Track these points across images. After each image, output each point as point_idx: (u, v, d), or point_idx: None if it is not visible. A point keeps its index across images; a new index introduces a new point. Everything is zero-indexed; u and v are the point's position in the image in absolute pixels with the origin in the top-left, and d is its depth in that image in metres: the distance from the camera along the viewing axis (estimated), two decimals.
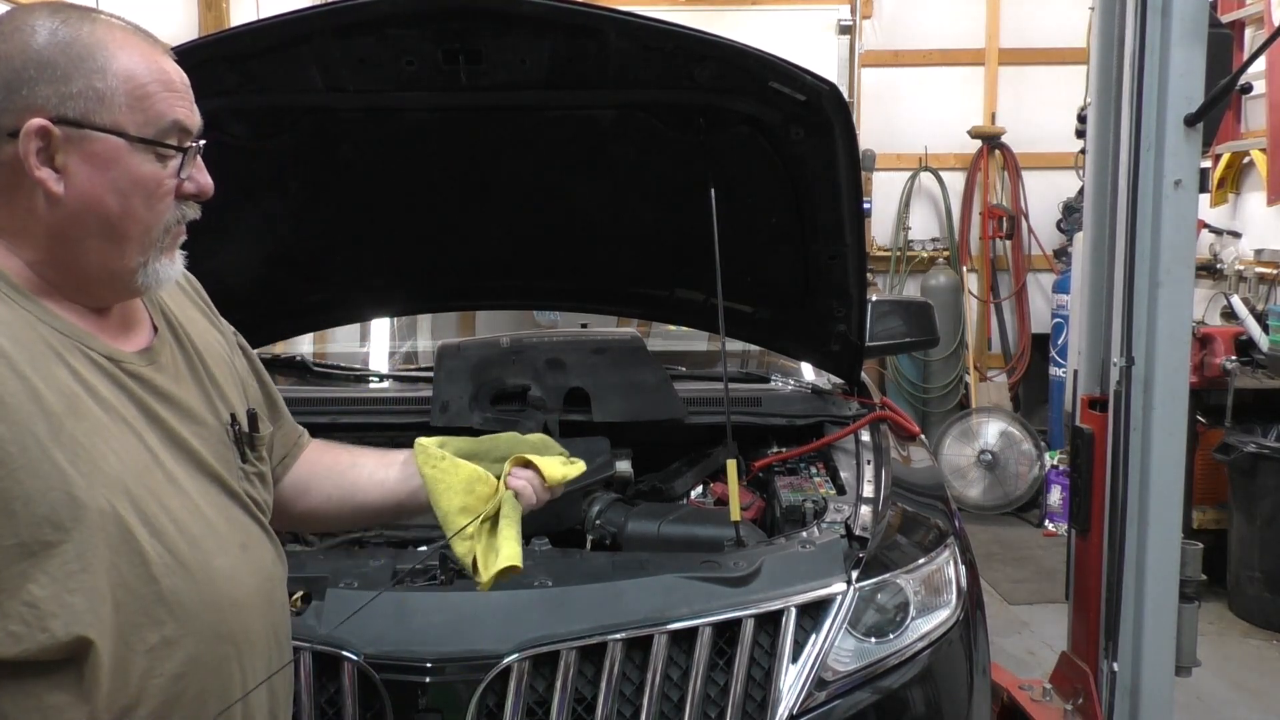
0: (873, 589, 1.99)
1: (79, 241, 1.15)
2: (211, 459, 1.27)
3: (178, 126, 1.19)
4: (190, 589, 1.17)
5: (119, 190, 1.14)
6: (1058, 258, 6.70)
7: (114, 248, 1.17)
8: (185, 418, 1.26)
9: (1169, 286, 2.62)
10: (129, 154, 1.15)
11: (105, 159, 1.13)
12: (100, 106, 1.13)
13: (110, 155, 1.13)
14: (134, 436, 1.17)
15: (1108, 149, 2.90)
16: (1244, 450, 4.48)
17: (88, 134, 1.12)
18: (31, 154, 1.10)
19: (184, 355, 1.33)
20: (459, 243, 2.84)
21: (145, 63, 1.18)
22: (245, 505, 1.32)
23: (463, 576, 1.94)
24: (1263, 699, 3.91)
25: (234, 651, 1.21)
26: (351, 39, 2.17)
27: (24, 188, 1.12)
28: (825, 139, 2.36)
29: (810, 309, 2.78)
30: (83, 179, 1.13)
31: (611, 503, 2.32)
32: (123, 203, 1.15)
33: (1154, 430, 2.66)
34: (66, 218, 1.13)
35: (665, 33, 2.18)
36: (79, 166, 1.12)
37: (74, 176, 1.12)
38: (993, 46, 6.88)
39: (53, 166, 1.12)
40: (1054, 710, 3.04)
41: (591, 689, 1.81)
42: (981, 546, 5.09)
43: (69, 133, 1.11)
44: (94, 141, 1.12)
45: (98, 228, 1.15)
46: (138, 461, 1.16)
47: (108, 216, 1.15)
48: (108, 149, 1.13)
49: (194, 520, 1.20)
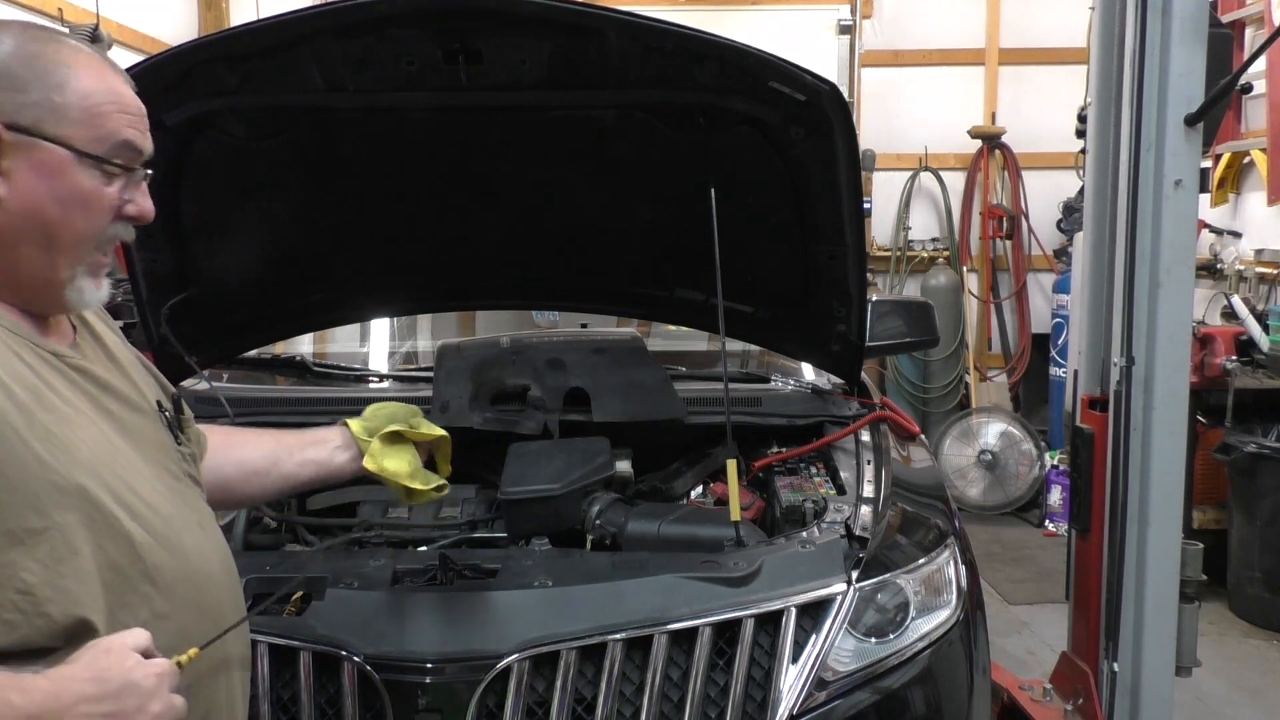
0: (873, 589, 1.99)
1: (14, 246, 1.19)
2: (155, 444, 1.34)
3: (128, 147, 1.24)
4: (171, 565, 1.24)
5: (60, 200, 1.19)
6: (1058, 258, 6.70)
7: (47, 256, 1.21)
8: (125, 406, 1.32)
9: (1169, 286, 2.62)
10: (74, 166, 1.19)
11: (51, 168, 1.18)
12: (52, 118, 1.17)
13: (56, 165, 1.18)
14: (94, 426, 1.23)
15: (1108, 149, 2.90)
16: (1244, 450, 4.48)
17: (37, 142, 1.16)
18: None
19: (102, 349, 1.38)
20: (459, 243, 2.84)
21: (102, 84, 1.22)
22: (192, 486, 1.39)
23: (463, 576, 1.95)
24: (1263, 699, 3.91)
25: (213, 624, 1.28)
26: (351, 39, 2.17)
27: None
28: (825, 139, 2.36)
29: (810, 309, 2.78)
30: (27, 185, 1.17)
31: (611, 503, 2.32)
32: (62, 212, 1.19)
33: (1154, 430, 2.66)
34: (5, 220, 1.17)
35: (665, 33, 2.18)
36: (25, 173, 1.16)
37: (18, 182, 1.17)
38: (993, 46, 6.89)
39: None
40: (1054, 710, 3.04)
41: (591, 689, 1.81)
42: (981, 546, 5.09)
43: (19, 139, 1.16)
44: (42, 150, 1.17)
45: (34, 234, 1.19)
46: (104, 449, 1.22)
47: (46, 223, 1.19)
48: (54, 159, 1.18)
49: (160, 501, 1.27)
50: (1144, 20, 2.58)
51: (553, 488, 2.23)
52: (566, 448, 2.44)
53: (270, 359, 3.24)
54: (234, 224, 2.62)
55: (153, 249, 2.42)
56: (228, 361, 3.01)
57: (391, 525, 2.38)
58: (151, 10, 5.92)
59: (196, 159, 2.39)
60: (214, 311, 2.68)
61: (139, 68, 2.16)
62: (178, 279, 2.53)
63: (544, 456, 2.37)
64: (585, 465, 2.33)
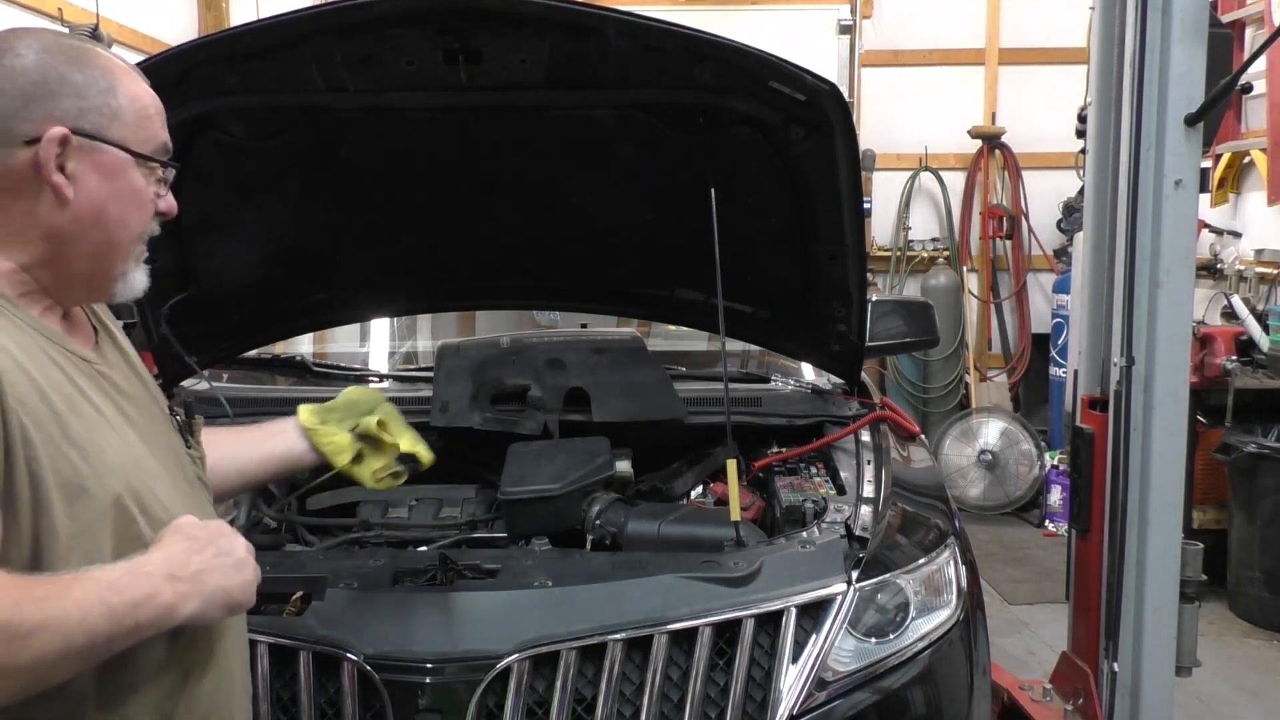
0: (873, 589, 1.99)
1: (76, 245, 1.24)
2: (168, 449, 1.36)
3: (165, 148, 1.31)
4: None
5: (119, 199, 1.25)
6: (1058, 258, 6.70)
7: (106, 253, 1.27)
8: (143, 412, 1.34)
9: (1169, 286, 2.62)
10: (131, 168, 1.26)
11: (112, 170, 1.24)
12: (111, 122, 1.23)
13: (116, 167, 1.24)
14: (118, 432, 1.25)
15: (1108, 149, 2.90)
16: (1244, 450, 4.48)
17: (99, 146, 1.22)
18: (51, 159, 1.19)
19: (120, 354, 1.40)
20: (459, 243, 2.84)
21: (142, 89, 1.30)
22: (201, 489, 1.43)
23: (463, 576, 1.95)
24: (1263, 699, 3.91)
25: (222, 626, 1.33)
26: (351, 39, 2.17)
27: (28, 192, 1.20)
28: (825, 139, 2.36)
29: (810, 309, 2.78)
30: (91, 186, 1.22)
31: (611, 503, 2.32)
32: (121, 211, 1.26)
33: (1154, 430, 2.66)
34: (71, 221, 1.22)
35: (665, 33, 2.18)
36: (88, 175, 1.22)
37: (82, 184, 1.21)
38: (993, 46, 6.88)
39: (63, 173, 1.21)
40: (1054, 710, 3.04)
41: (591, 689, 1.81)
42: (981, 546, 5.09)
43: (83, 143, 1.21)
44: (104, 153, 1.23)
45: (96, 233, 1.25)
46: (128, 455, 1.24)
47: (107, 222, 1.25)
48: (115, 161, 1.24)
49: (175, 506, 1.29)
50: (1144, 20, 2.58)
51: (553, 488, 2.23)
52: (566, 448, 2.44)
53: (270, 359, 3.24)
54: (234, 224, 2.62)
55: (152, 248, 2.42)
56: (228, 361, 3.01)
57: (391, 525, 2.38)
58: (151, 10, 5.92)
59: (196, 159, 2.38)
60: (214, 311, 2.68)
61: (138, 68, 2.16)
62: (178, 279, 2.53)
63: (544, 456, 2.37)
64: (585, 465, 2.33)
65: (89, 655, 1.09)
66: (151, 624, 1.13)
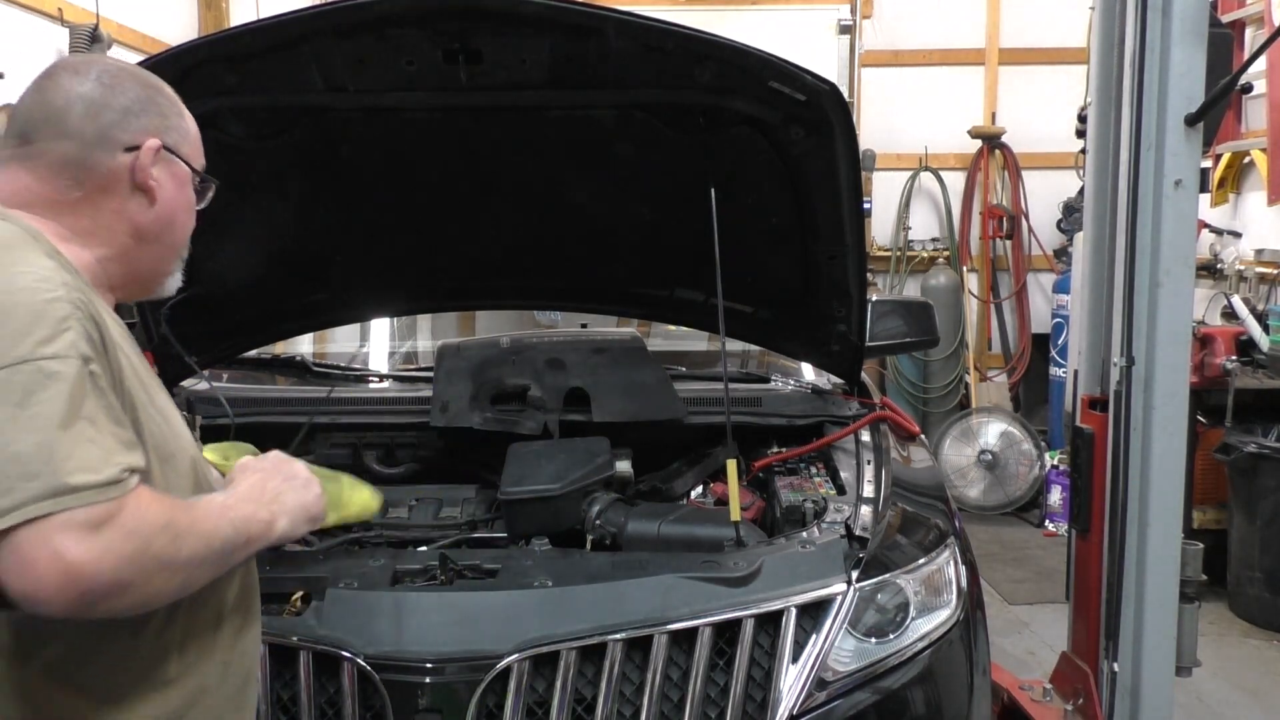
0: (873, 589, 1.99)
1: (151, 243, 1.40)
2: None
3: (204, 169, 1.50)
4: None
5: (185, 207, 1.44)
6: (1058, 258, 6.70)
7: (169, 252, 1.44)
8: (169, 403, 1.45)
9: (1169, 286, 2.62)
10: (189, 181, 1.44)
11: (181, 181, 1.42)
12: (183, 141, 1.43)
13: (184, 179, 1.43)
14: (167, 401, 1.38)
15: (1108, 149, 2.90)
16: (1244, 450, 4.47)
17: (175, 160, 1.41)
18: (148, 165, 1.36)
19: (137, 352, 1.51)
20: (459, 243, 2.84)
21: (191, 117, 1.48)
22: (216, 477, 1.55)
23: (463, 576, 1.95)
24: (1263, 699, 3.91)
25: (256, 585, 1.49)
26: (351, 39, 2.17)
27: (119, 192, 1.35)
28: (825, 139, 2.36)
29: (810, 309, 2.78)
30: (169, 193, 1.40)
31: (611, 503, 2.32)
32: (186, 218, 1.45)
33: (1154, 430, 2.66)
34: (153, 221, 1.39)
35: (665, 33, 2.18)
36: (167, 183, 1.39)
37: (163, 190, 1.39)
38: (993, 46, 6.88)
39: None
40: (1054, 710, 3.04)
41: (591, 689, 1.81)
42: (981, 546, 5.08)
43: (165, 155, 1.39)
44: (178, 166, 1.41)
45: (167, 234, 1.42)
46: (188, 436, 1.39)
47: (175, 225, 1.43)
48: (184, 174, 1.42)
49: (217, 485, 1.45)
50: (1144, 20, 2.58)
51: (552, 488, 2.23)
52: (566, 448, 2.45)
53: (270, 359, 3.24)
54: (234, 224, 2.61)
55: None
56: (228, 361, 3.02)
57: (391, 525, 2.38)
58: (151, 10, 5.92)
59: None
60: (214, 311, 2.68)
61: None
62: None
63: (544, 456, 2.37)
64: (585, 465, 2.33)
65: (218, 564, 1.25)
66: (257, 539, 1.31)
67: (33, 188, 1.30)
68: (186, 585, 1.20)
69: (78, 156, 1.31)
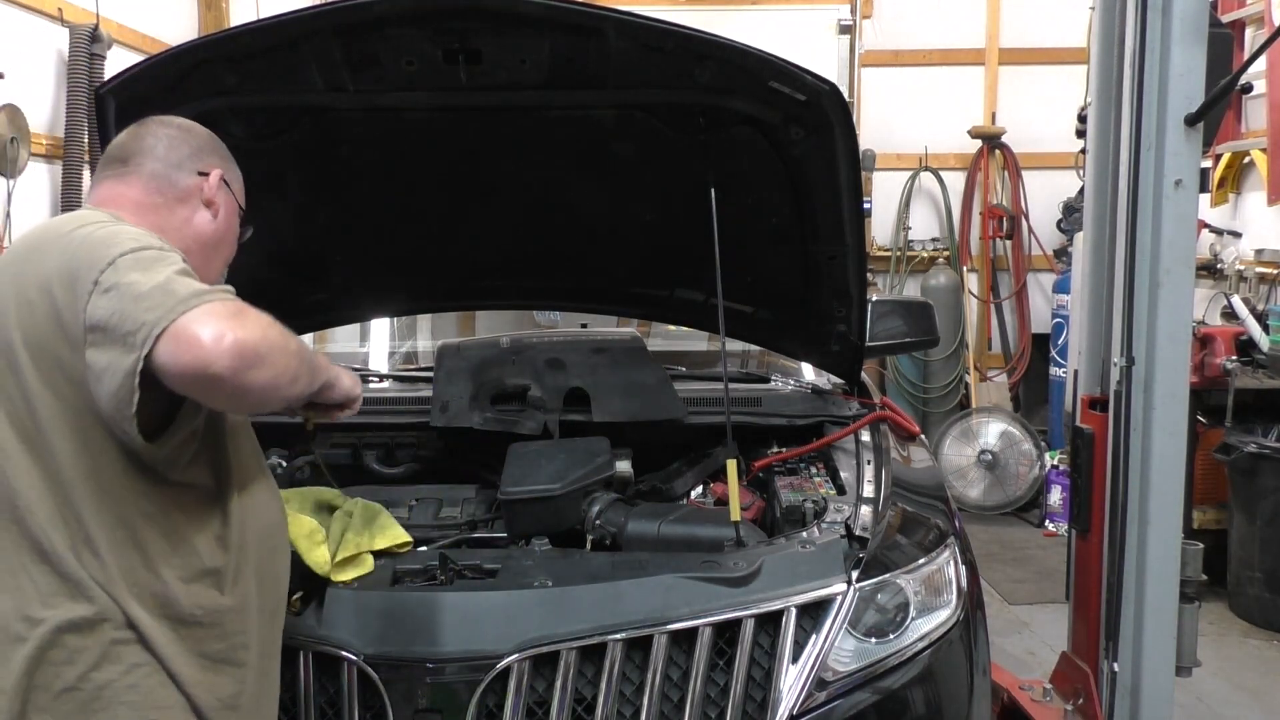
0: (873, 589, 1.99)
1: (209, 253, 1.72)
2: None
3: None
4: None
5: (232, 233, 1.79)
6: (1058, 258, 6.70)
7: (216, 265, 1.75)
8: None
9: (1169, 286, 2.62)
10: (235, 214, 1.79)
11: (231, 211, 1.77)
12: (235, 182, 1.79)
13: (234, 209, 1.78)
14: None
15: (1108, 149, 2.90)
16: (1244, 450, 4.47)
17: (230, 192, 1.77)
18: (215, 187, 1.72)
19: None
20: (459, 243, 2.84)
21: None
22: None
23: (463, 576, 1.95)
24: (1263, 699, 3.91)
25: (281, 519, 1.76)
26: (351, 39, 2.17)
27: (190, 205, 1.70)
28: (825, 139, 2.36)
29: (810, 309, 2.78)
30: (225, 215, 1.75)
31: (611, 503, 2.32)
32: (231, 241, 1.79)
33: (1154, 430, 2.66)
34: (212, 233, 1.72)
35: (665, 33, 2.18)
36: (224, 208, 1.75)
37: (223, 211, 1.75)
38: (993, 46, 6.89)
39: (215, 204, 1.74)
40: (1054, 710, 3.04)
41: (591, 689, 1.81)
42: (981, 546, 5.09)
43: (224, 187, 1.75)
44: (232, 197, 1.77)
45: (219, 249, 1.75)
46: None
47: (225, 244, 1.77)
48: (233, 206, 1.78)
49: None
50: (1144, 20, 2.58)
51: (553, 488, 2.23)
52: (566, 448, 2.44)
53: None
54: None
55: None
56: None
57: None
58: (151, 10, 5.92)
59: None
60: None
61: (139, 68, 2.17)
62: None
63: (544, 456, 2.37)
64: (585, 465, 2.33)
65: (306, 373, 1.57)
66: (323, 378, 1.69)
67: (126, 195, 1.65)
68: (294, 378, 1.50)
69: (164, 174, 1.68)
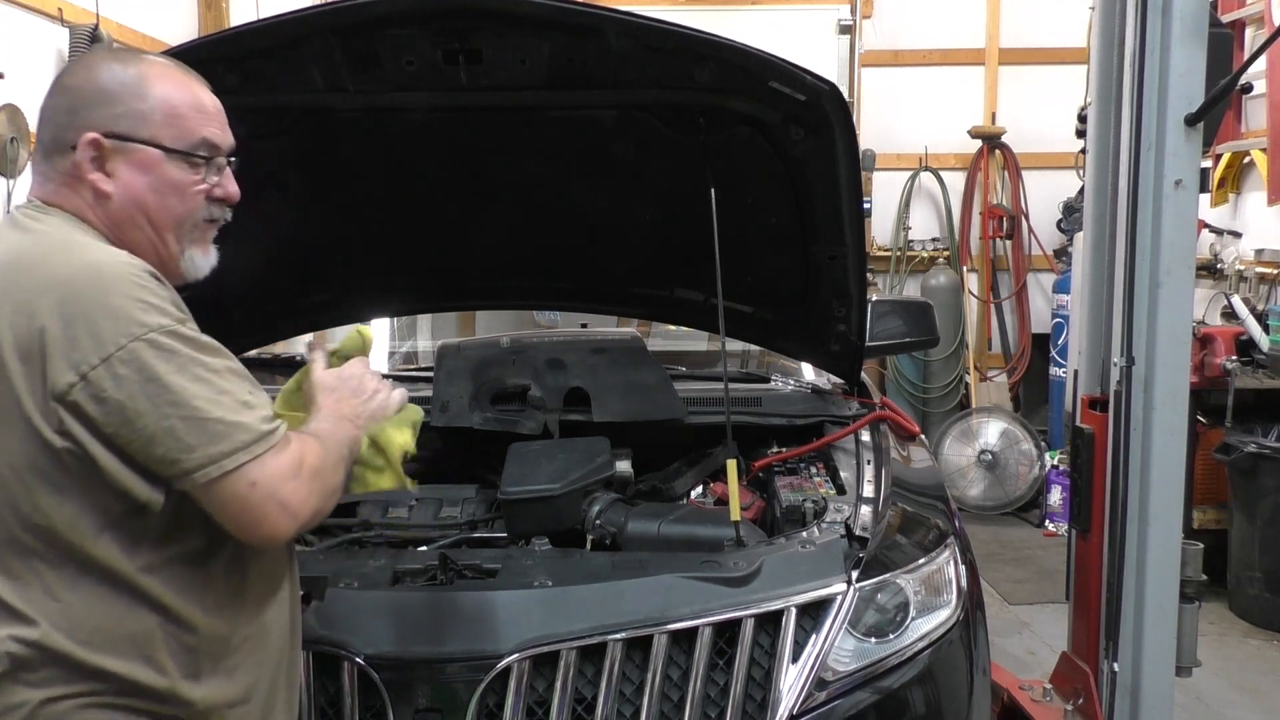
0: (873, 589, 1.99)
1: (129, 229, 1.43)
2: None
3: (207, 143, 1.47)
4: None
5: (157, 190, 1.43)
6: (1058, 258, 6.70)
7: (156, 235, 1.45)
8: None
9: (1169, 286, 2.62)
10: (164, 162, 1.43)
11: (146, 165, 1.42)
12: (141, 124, 1.41)
13: (150, 162, 1.42)
14: None
15: (1108, 149, 2.90)
16: (1244, 450, 4.47)
17: (131, 145, 1.41)
18: (86, 161, 1.39)
19: None
20: (459, 243, 2.84)
21: (181, 91, 1.46)
22: None
23: (463, 576, 1.95)
24: (1263, 699, 3.91)
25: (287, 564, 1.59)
26: (351, 39, 2.17)
27: (84, 186, 1.41)
28: (825, 139, 2.36)
29: (810, 309, 2.78)
30: (128, 180, 1.41)
31: (611, 503, 2.32)
32: (159, 200, 1.44)
33: (1154, 430, 2.66)
34: (116, 210, 1.42)
35: (665, 33, 2.18)
36: (126, 171, 1.41)
37: (120, 179, 1.41)
38: (993, 46, 6.89)
39: (104, 171, 1.41)
40: (1054, 710, 3.04)
41: (591, 689, 1.81)
42: (981, 546, 5.09)
43: (117, 145, 1.40)
44: (137, 151, 1.41)
45: (141, 218, 1.43)
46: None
47: (148, 210, 1.43)
48: (148, 157, 1.42)
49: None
50: (1144, 20, 2.58)
51: (553, 488, 2.23)
52: (566, 448, 2.45)
53: (270, 359, 3.24)
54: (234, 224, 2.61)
55: None
56: None
57: (391, 525, 2.38)
58: (151, 10, 5.92)
59: None
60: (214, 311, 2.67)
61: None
62: None
63: (544, 456, 2.37)
64: (585, 465, 2.33)
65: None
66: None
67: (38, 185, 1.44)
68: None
69: (43, 162, 1.43)
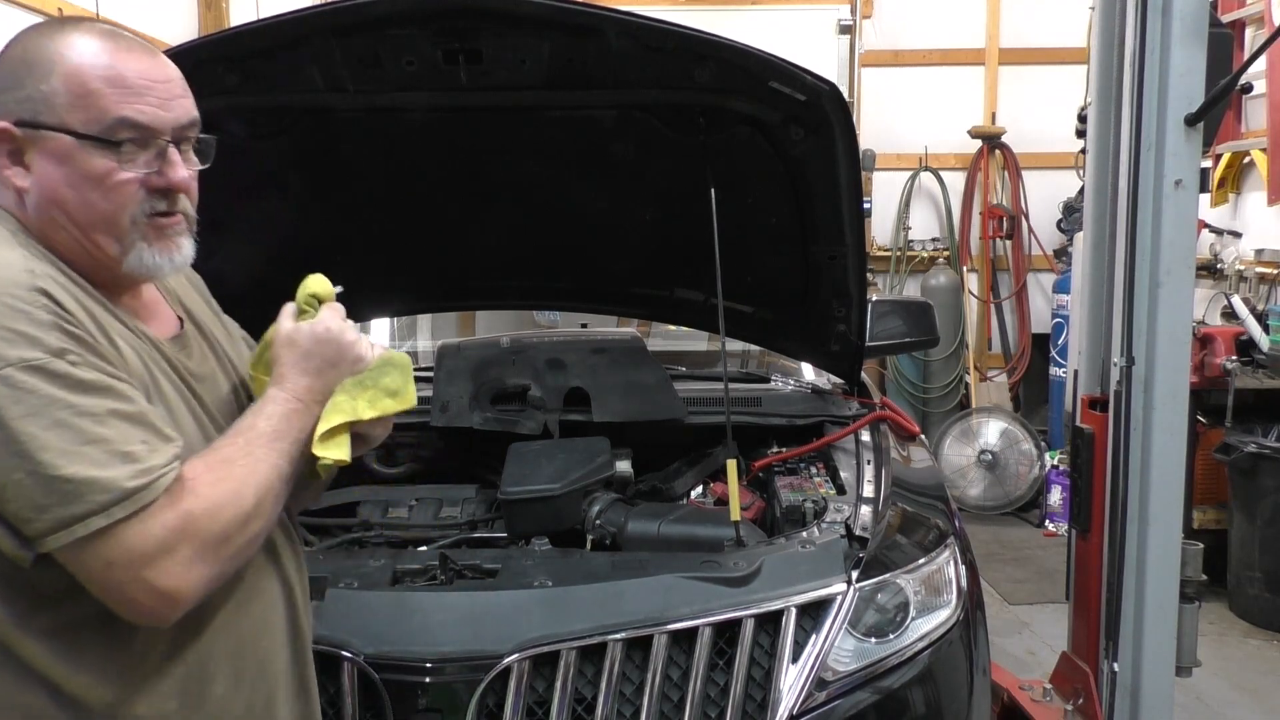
0: (873, 589, 1.99)
1: (52, 229, 1.23)
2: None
3: (126, 123, 1.22)
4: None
5: (74, 183, 1.21)
6: (1058, 258, 6.70)
7: (84, 235, 1.23)
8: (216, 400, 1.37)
9: (1169, 286, 2.62)
10: (78, 150, 1.20)
11: (60, 155, 1.20)
12: (46, 108, 1.20)
13: (64, 151, 1.20)
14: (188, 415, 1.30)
15: (1108, 149, 2.90)
16: (1244, 450, 4.47)
17: (42, 133, 1.20)
18: (1, 154, 1.21)
19: (209, 345, 1.45)
20: (459, 243, 2.84)
21: (94, 64, 1.21)
22: None
23: (463, 576, 1.95)
24: (1263, 699, 3.91)
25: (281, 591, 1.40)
26: (351, 39, 2.17)
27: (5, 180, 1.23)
28: (825, 139, 2.36)
29: (810, 309, 2.78)
30: (44, 173, 1.21)
31: (611, 503, 2.33)
32: (77, 194, 1.22)
33: (1154, 430, 2.66)
34: (35, 207, 1.23)
35: (665, 33, 2.18)
36: (40, 163, 1.21)
37: (36, 172, 1.22)
38: (993, 46, 6.88)
39: (23, 164, 1.22)
40: (1054, 710, 3.04)
41: (591, 689, 1.81)
42: (981, 546, 5.08)
43: (28, 133, 1.20)
44: (48, 140, 1.20)
45: (63, 216, 1.23)
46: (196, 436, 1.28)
47: (67, 206, 1.22)
48: (61, 146, 1.20)
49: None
50: (1144, 20, 2.58)
51: (553, 488, 2.23)
52: (566, 448, 2.45)
53: None
54: (234, 224, 2.62)
55: None
56: None
57: (391, 525, 2.38)
58: (151, 10, 5.92)
59: None
60: None
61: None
62: None
63: (544, 456, 2.37)
64: (585, 465, 2.33)
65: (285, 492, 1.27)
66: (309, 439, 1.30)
67: None
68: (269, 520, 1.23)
69: None
